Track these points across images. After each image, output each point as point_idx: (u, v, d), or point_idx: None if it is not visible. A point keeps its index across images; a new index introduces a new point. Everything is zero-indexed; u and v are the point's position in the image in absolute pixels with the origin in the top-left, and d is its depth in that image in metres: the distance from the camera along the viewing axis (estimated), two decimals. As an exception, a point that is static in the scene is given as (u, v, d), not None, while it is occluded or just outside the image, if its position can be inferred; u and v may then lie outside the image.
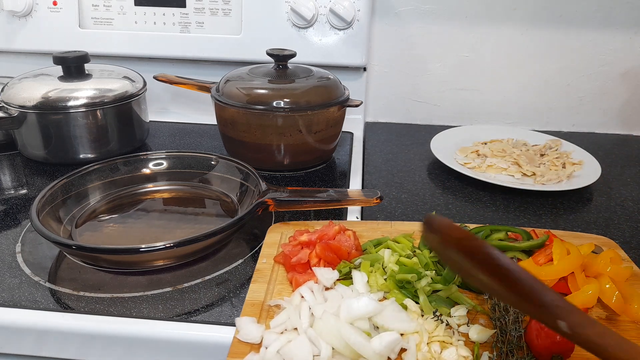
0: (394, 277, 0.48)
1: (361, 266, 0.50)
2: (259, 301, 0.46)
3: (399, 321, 0.43)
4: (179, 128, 0.96)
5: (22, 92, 0.76)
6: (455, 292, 0.47)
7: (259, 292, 0.47)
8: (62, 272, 0.53)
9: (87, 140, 0.78)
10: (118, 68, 0.86)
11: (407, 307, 0.45)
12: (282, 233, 0.57)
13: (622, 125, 1.01)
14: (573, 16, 0.93)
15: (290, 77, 0.77)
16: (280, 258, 0.52)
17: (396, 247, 0.52)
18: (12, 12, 0.93)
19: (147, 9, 0.93)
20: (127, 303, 0.48)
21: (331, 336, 0.40)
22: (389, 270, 0.49)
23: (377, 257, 0.51)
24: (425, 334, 0.42)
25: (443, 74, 1.00)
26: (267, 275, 0.50)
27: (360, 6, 0.89)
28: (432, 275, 0.49)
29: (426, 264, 0.50)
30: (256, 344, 0.42)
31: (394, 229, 0.59)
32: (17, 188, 0.73)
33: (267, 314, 0.45)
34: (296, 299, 0.46)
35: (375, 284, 0.48)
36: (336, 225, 0.54)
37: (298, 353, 0.40)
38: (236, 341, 0.42)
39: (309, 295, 0.46)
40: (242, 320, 0.43)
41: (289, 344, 0.41)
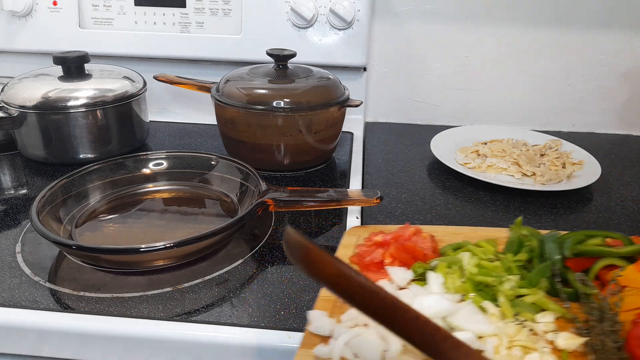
0: (472, 280, 0.45)
1: (437, 267, 0.47)
2: (331, 299, 0.45)
3: (476, 323, 0.41)
4: (179, 128, 0.96)
5: (22, 92, 0.76)
6: (541, 298, 0.44)
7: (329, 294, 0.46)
8: (62, 272, 0.53)
9: (87, 140, 0.78)
10: (118, 68, 0.86)
11: (486, 310, 0.43)
12: (359, 235, 0.56)
13: (622, 125, 1.01)
14: (573, 16, 0.93)
15: (290, 77, 0.77)
16: (355, 259, 0.51)
17: (477, 251, 0.49)
18: (12, 12, 0.93)
19: (147, 9, 0.93)
20: (127, 303, 0.48)
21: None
22: (468, 272, 0.46)
23: (455, 260, 0.48)
24: (505, 338, 0.40)
25: (443, 74, 1.00)
26: None
27: (360, 6, 0.89)
28: (517, 280, 0.46)
29: (509, 268, 0.47)
30: (326, 336, 0.41)
31: (477, 234, 0.56)
32: (17, 188, 0.73)
33: (340, 310, 0.44)
34: None
35: (452, 286, 0.45)
36: (412, 227, 0.53)
37: (367, 346, 0.39)
38: (307, 333, 0.42)
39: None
40: (314, 314, 0.43)
41: (359, 337, 0.40)
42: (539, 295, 0.45)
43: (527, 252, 0.50)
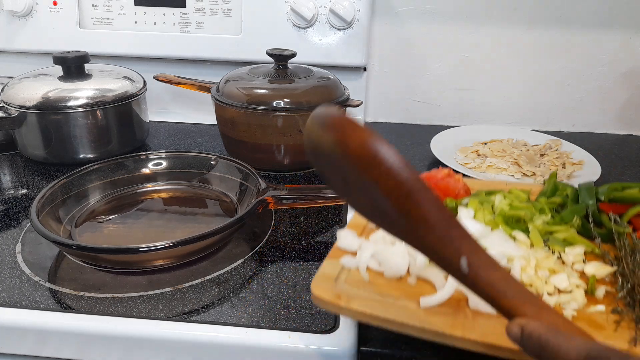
0: (504, 214, 0.45)
1: (469, 203, 0.47)
2: (362, 224, 0.46)
3: (505, 246, 0.41)
4: (179, 128, 0.96)
5: (22, 92, 0.76)
6: (573, 235, 0.44)
7: (362, 219, 0.47)
8: (62, 272, 0.53)
9: (87, 140, 0.78)
10: (118, 68, 0.86)
11: (516, 238, 0.42)
12: None
13: (622, 125, 1.01)
14: (573, 16, 0.93)
15: (290, 77, 0.77)
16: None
17: (509, 195, 0.49)
18: (12, 12, 0.93)
19: (147, 9, 0.93)
20: (127, 303, 0.48)
21: None
22: (499, 209, 0.46)
23: (487, 199, 0.48)
24: (533, 260, 0.40)
25: (443, 74, 1.00)
26: None
27: (360, 6, 0.89)
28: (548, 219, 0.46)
29: (542, 209, 0.47)
30: (354, 251, 0.42)
31: (509, 186, 0.57)
32: (17, 188, 0.73)
33: (368, 233, 0.45)
34: None
35: (483, 220, 0.45)
36: (445, 169, 0.53)
37: (393, 258, 0.39)
38: (335, 248, 0.42)
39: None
40: (344, 231, 0.44)
41: (385, 250, 0.40)
42: (570, 232, 0.45)
43: (562, 197, 0.52)
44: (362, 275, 0.40)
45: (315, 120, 0.31)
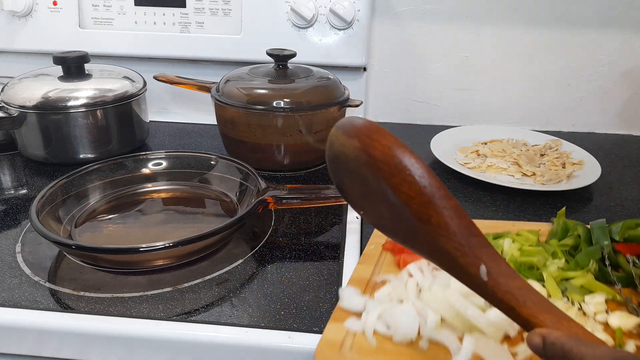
0: (514, 261, 0.43)
1: None
2: (365, 278, 0.44)
3: None
4: (179, 128, 0.96)
5: (22, 92, 0.76)
6: (591, 280, 0.42)
7: (365, 271, 0.46)
8: (62, 272, 0.53)
9: (87, 140, 0.78)
10: (118, 68, 0.86)
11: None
12: None
13: (622, 125, 1.01)
14: (573, 16, 0.93)
15: (290, 77, 0.77)
16: (389, 244, 0.50)
17: (519, 239, 0.47)
18: (12, 12, 0.93)
19: (147, 9, 0.93)
20: (127, 303, 0.48)
21: (440, 306, 0.37)
22: (509, 255, 0.43)
23: (495, 243, 0.46)
24: None
25: (443, 74, 1.00)
26: (374, 258, 0.49)
27: (360, 6, 0.89)
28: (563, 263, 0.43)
29: (554, 252, 0.45)
30: (359, 312, 0.39)
31: (516, 227, 0.54)
32: (17, 188, 0.73)
33: (372, 289, 0.43)
34: (404, 276, 0.43)
35: None
36: None
37: (401, 318, 0.37)
38: (339, 309, 0.40)
39: (416, 271, 0.42)
40: (346, 290, 0.41)
41: (393, 310, 0.38)
42: (588, 278, 0.42)
43: (573, 238, 0.48)
44: (369, 341, 0.37)
45: (339, 128, 0.33)
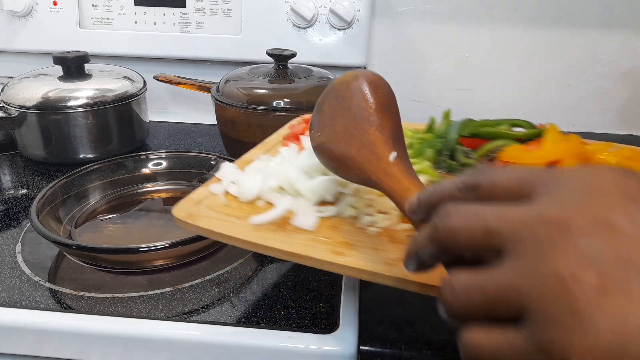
0: None
1: None
2: (250, 159, 0.52)
3: None
4: (179, 128, 0.96)
5: (22, 92, 0.76)
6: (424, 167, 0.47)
7: (253, 154, 0.54)
8: (62, 272, 0.53)
9: (87, 140, 0.78)
10: (118, 68, 0.86)
11: None
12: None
13: (622, 125, 1.01)
14: (573, 16, 0.93)
15: (290, 77, 0.77)
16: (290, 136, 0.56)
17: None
18: (12, 12, 0.93)
19: (147, 9, 0.93)
20: (127, 303, 0.48)
21: (280, 174, 0.45)
22: None
23: None
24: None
25: (443, 74, 1.00)
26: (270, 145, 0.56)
27: (360, 6, 0.89)
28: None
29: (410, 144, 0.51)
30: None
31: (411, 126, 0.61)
32: (17, 188, 0.73)
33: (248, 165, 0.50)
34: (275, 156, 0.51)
35: None
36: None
37: (247, 182, 0.45)
38: (214, 178, 0.48)
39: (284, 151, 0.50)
40: (226, 165, 0.49)
41: (243, 177, 0.46)
42: (423, 165, 0.47)
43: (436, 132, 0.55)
44: (220, 198, 0.44)
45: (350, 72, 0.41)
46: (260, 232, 0.40)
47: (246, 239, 0.40)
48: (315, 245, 0.39)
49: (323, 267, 0.38)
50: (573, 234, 0.19)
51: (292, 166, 0.46)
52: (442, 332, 0.44)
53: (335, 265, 0.37)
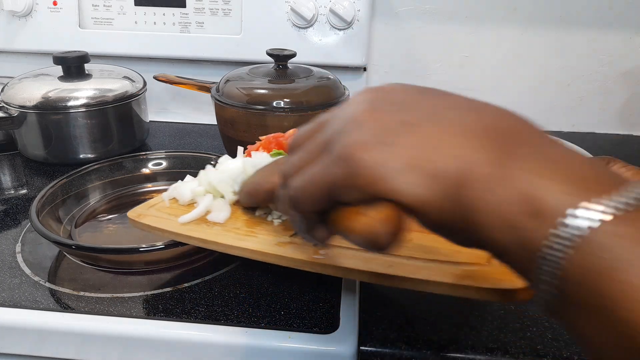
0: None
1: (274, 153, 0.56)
2: None
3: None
4: (179, 128, 0.96)
5: (22, 92, 0.76)
6: None
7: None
8: (62, 272, 0.53)
9: (87, 140, 0.78)
10: (118, 68, 0.86)
11: None
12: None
13: (622, 125, 1.01)
14: (573, 16, 0.93)
15: (290, 77, 0.77)
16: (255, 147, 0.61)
17: None
18: (12, 12, 0.93)
19: (147, 9, 0.93)
20: (127, 303, 0.48)
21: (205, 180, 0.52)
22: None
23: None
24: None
25: (443, 74, 1.00)
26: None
27: (360, 6, 0.89)
28: None
29: None
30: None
31: None
32: (17, 188, 0.73)
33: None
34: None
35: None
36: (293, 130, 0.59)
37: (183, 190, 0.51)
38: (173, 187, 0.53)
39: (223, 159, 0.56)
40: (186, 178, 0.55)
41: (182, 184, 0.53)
42: None
43: None
44: (165, 202, 0.52)
45: None
46: (186, 226, 0.48)
47: (174, 231, 0.47)
48: (225, 234, 0.46)
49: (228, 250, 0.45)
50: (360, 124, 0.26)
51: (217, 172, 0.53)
52: (442, 332, 0.44)
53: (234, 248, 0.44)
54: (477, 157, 0.23)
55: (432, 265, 0.38)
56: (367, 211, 0.25)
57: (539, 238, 0.21)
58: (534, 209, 0.21)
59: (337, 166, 0.25)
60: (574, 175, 0.22)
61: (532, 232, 0.21)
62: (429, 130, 0.24)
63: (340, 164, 0.25)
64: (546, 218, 0.21)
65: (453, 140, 0.24)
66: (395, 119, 0.25)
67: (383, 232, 0.25)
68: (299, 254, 0.42)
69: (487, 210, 0.23)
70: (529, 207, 0.22)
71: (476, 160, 0.23)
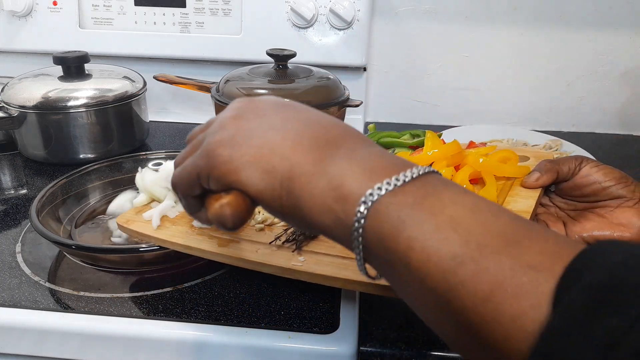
0: None
1: None
2: None
3: None
4: (178, 128, 0.96)
5: (22, 92, 0.76)
6: None
7: None
8: (62, 272, 0.53)
9: (87, 140, 0.78)
10: (118, 68, 0.86)
11: None
12: None
13: (622, 125, 1.01)
14: (573, 16, 0.93)
15: (290, 77, 0.77)
16: None
17: None
18: (12, 12, 0.93)
19: (147, 9, 0.93)
20: (127, 303, 0.48)
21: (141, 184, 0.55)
22: None
23: None
24: None
25: (443, 74, 1.00)
26: None
27: (360, 6, 0.89)
28: None
29: None
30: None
31: None
32: (17, 188, 0.73)
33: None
34: None
35: None
36: None
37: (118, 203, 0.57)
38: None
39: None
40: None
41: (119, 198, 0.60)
42: None
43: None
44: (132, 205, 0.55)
45: None
46: (171, 232, 0.49)
47: (159, 237, 0.48)
48: (208, 241, 0.47)
49: (212, 257, 0.46)
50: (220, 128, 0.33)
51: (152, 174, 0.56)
52: (442, 332, 0.44)
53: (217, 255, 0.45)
54: (302, 158, 0.29)
55: None
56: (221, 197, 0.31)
57: (348, 217, 0.27)
58: (341, 195, 0.28)
59: (202, 159, 0.32)
60: (370, 168, 0.28)
61: (343, 213, 0.28)
62: (272, 136, 0.31)
63: (204, 157, 0.32)
64: (349, 201, 0.27)
65: (288, 145, 0.30)
66: (250, 125, 0.32)
67: (229, 214, 0.31)
68: (279, 261, 0.44)
69: (309, 199, 0.29)
70: (338, 193, 0.28)
71: (301, 161, 0.29)
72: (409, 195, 0.27)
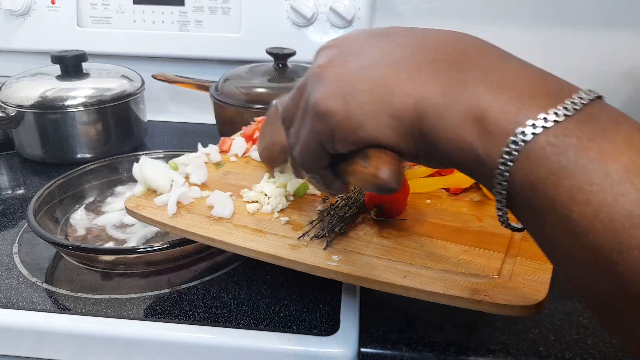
0: None
1: None
2: None
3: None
4: (177, 127, 0.96)
5: (19, 91, 0.76)
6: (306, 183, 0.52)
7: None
8: (59, 273, 0.52)
9: (85, 140, 0.77)
10: (116, 67, 0.86)
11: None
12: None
13: (622, 125, 1.01)
14: (574, 16, 0.92)
15: (289, 76, 0.76)
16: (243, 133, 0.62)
17: None
18: (10, 11, 0.93)
19: (145, 7, 0.93)
20: (125, 304, 0.48)
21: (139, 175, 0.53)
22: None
23: None
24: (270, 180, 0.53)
25: (443, 74, 1.00)
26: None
27: (361, 4, 0.89)
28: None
29: None
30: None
31: None
32: (14, 188, 0.72)
33: None
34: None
35: None
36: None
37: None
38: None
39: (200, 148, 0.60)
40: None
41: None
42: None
43: None
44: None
45: None
46: (190, 222, 0.46)
47: (172, 224, 0.46)
48: (232, 233, 0.45)
49: (238, 251, 0.44)
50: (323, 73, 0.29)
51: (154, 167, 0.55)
52: (443, 334, 0.44)
53: (245, 249, 0.43)
54: (428, 91, 0.25)
55: (446, 277, 0.38)
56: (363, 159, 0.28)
57: (491, 156, 0.23)
58: (483, 130, 0.23)
59: (318, 124, 0.28)
60: (517, 94, 0.23)
61: (484, 150, 0.23)
62: (382, 74, 0.26)
63: (318, 122, 0.28)
64: (494, 137, 0.23)
65: (404, 78, 0.26)
66: (351, 68, 0.27)
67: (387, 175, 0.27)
68: (313, 259, 0.41)
69: (444, 136, 0.25)
70: (479, 128, 0.23)
71: (427, 94, 0.25)
72: (571, 134, 0.22)
